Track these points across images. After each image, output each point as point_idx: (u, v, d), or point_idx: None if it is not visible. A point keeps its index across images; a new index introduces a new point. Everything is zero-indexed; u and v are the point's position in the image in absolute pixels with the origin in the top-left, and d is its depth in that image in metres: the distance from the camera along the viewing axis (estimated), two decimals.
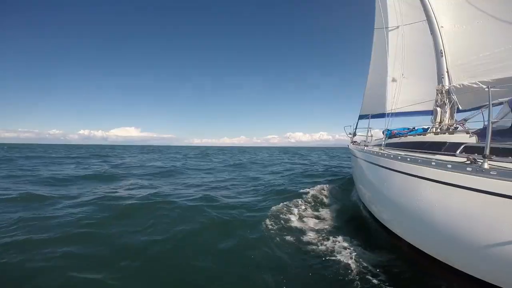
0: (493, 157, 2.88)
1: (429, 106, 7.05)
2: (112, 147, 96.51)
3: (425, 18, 6.31)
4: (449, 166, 3.00)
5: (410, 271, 3.68)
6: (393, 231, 4.10)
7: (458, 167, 2.91)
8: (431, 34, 6.04)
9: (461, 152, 3.61)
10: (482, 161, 2.74)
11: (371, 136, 8.49)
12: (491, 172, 2.56)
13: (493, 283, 2.59)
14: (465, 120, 5.42)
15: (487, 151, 2.76)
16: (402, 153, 4.37)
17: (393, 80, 7.17)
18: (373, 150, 5.48)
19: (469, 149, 3.62)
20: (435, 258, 3.21)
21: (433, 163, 3.23)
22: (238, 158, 32.92)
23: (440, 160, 3.34)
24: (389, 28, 7.87)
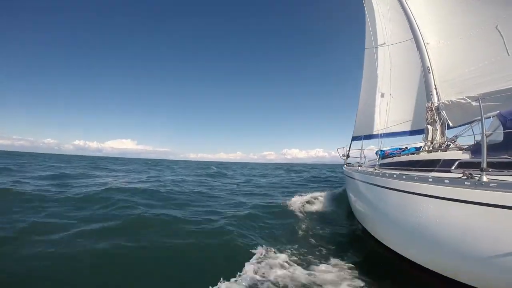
0: (490, 170, 2.83)
1: (421, 125, 6.91)
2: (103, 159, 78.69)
3: (412, 37, 6.35)
4: (447, 181, 2.98)
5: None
6: (393, 249, 4.00)
7: (456, 182, 2.89)
8: (417, 50, 6.03)
9: (456, 168, 3.52)
10: (479, 174, 2.72)
11: (365, 157, 8.33)
12: (490, 185, 2.54)
13: None
14: (456, 136, 5.26)
15: (484, 164, 2.74)
16: (397, 172, 4.30)
17: (382, 95, 7.08)
18: (368, 170, 5.37)
19: (463, 165, 3.52)
20: (438, 273, 3.15)
21: (430, 179, 3.20)
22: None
23: (437, 176, 3.29)
24: (378, 48, 7.93)
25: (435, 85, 5.61)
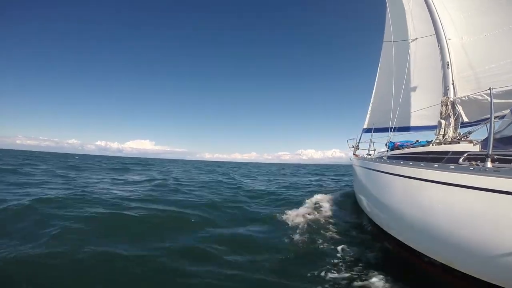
0: (497, 163, 2.80)
1: (435, 121, 6.96)
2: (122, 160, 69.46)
3: (433, 32, 6.32)
4: (452, 167, 2.95)
5: (415, 278, 3.55)
6: (397, 237, 4.02)
7: (461, 168, 2.87)
8: (438, 46, 6.03)
9: (464, 160, 3.53)
10: (485, 161, 2.70)
11: (374, 150, 8.40)
12: (495, 171, 2.50)
13: (500, 285, 2.50)
14: (470, 133, 5.31)
15: (490, 151, 2.72)
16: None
17: (396, 89, 7.12)
18: (374, 159, 5.41)
19: (472, 157, 3.46)
20: (441, 263, 3.12)
21: (435, 166, 3.19)
22: None
23: (443, 164, 3.27)
24: (398, 42, 7.91)
25: (452, 81, 5.64)
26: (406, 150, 5.72)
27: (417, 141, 6.53)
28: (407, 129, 8.15)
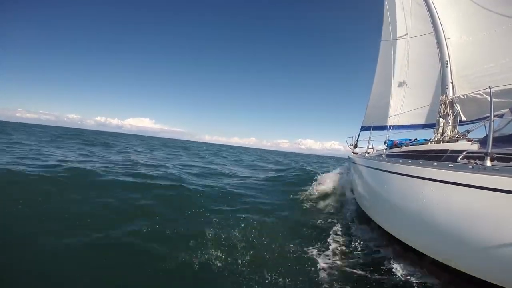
0: (496, 161, 2.81)
1: (433, 119, 6.98)
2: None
3: (432, 30, 6.33)
4: (451, 165, 2.97)
5: (412, 277, 3.54)
6: (395, 235, 4.02)
7: (460, 167, 2.88)
8: (437, 45, 6.04)
9: (462, 159, 3.51)
10: (484, 160, 2.70)
11: (373, 148, 8.41)
12: (494, 169, 2.51)
13: (500, 284, 2.50)
14: (468, 131, 5.34)
15: (489, 149, 2.72)
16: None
17: (395, 87, 7.11)
18: (373, 157, 5.42)
19: (471, 156, 3.47)
20: (439, 261, 3.12)
21: (434, 164, 3.21)
22: None
23: (442, 162, 3.30)
24: (396, 40, 7.89)
25: (451, 79, 5.66)
26: (405, 148, 5.73)
27: (416, 139, 6.55)
28: (405, 127, 8.17)
